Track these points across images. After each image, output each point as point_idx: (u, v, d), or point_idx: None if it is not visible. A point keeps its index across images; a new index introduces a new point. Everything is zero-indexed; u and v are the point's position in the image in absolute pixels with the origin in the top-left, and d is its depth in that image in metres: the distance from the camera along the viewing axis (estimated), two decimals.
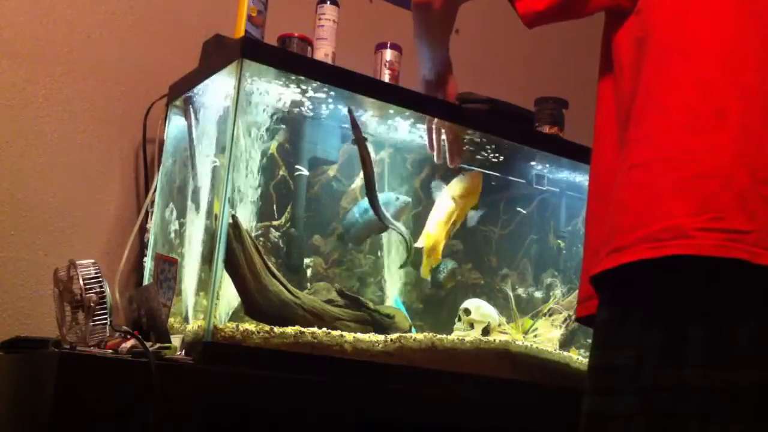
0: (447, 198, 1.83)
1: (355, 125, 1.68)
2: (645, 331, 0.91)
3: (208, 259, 1.58)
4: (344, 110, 1.74)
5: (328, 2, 1.79)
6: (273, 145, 1.77)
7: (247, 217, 1.63)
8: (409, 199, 1.85)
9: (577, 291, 1.98)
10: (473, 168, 1.90)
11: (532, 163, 2.05)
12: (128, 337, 1.40)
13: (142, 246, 1.88)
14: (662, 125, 0.95)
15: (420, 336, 1.67)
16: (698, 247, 0.88)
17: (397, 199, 1.81)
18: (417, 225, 1.90)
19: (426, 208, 1.88)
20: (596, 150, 1.12)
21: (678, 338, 0.89)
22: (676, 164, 0.92)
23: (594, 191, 1.11)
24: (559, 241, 2.14)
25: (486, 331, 1.80)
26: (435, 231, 1.83)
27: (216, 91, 1.71)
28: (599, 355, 0.99)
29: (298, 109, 1.77)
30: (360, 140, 1.68)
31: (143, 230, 1.89)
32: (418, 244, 1.83)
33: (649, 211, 0.92)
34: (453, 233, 1.87)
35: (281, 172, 1.80)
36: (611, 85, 1.10)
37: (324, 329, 1.56)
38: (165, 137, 1.87)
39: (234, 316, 1.59)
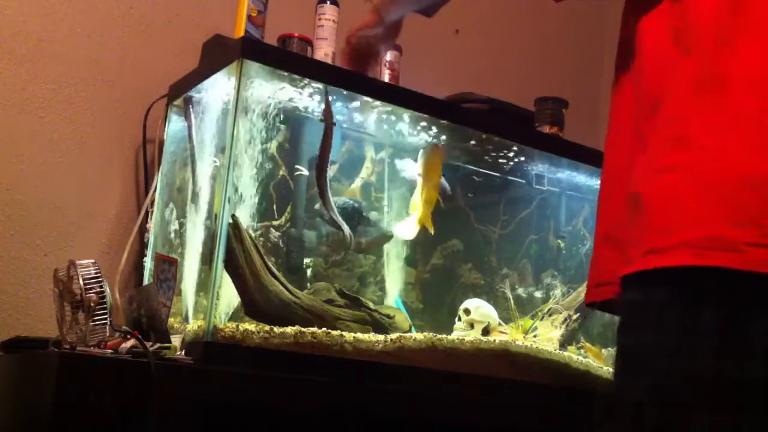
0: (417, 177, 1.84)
1: (327, 111, 1.66)
2: (674, 332, 0.90)
3: (208, 259, 1.58)
4: (343, 110, 1.74)
5: (328, 2, 1.79)
6: (273, 145, 1.77)
7: (247, 217, 1.63)
8: (392, 234, 1.85)
9: (575, 293, 2.00)
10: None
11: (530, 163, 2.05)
12: (128, 337, 1.40)
13: (142, 246, 1.88)
14: (707, 128, 0.92)
15: (420, 336, 1.67)
16: (746, 261, 0.86)
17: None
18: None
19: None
20: (613, 139, 1.09)
21: (710, 341, 0.88)
22: (721, 172, 0.90)
23: (608, 176, 1.09)
24: (559, 241, 2.14)
25: (486, 331, 1.80)
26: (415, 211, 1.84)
27: (216, 91, 1.71)
28: (623, 348, 0.98)
29: (298, 109, 1.77)
30: (328, 125, 1.67)
31: (143, 230, 1.89)
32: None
33: (690, 216, 0.90)
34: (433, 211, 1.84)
35: (281, 172, 1.80)
36: (630, 78, 1.07)
37: (324, 329, 1.56)
38: (165, 137, 1.87)
39: (234, 316, 1.59)
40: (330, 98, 1.67)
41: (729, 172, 0.89)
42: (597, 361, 1.91)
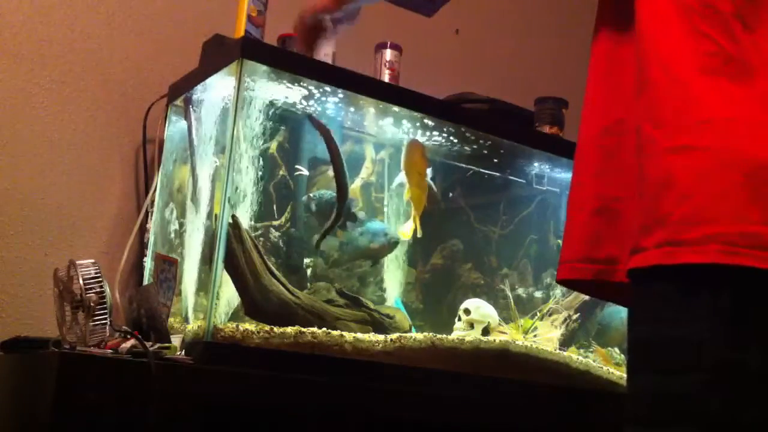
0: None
1: (323, 132, 1.69)
2: (692, 328, 0.85)
3: (208, 259, 1.58)
4: (343, 110, 1.74)
5: None
6: (273, 145, 1.77)
7: (247, 217, 1.63)
8: (399, 241, 1.84)
9: (575, 293, 1.99)
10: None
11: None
12: (128, 337, 1.40)
13: (142, 246, 1.88)
14: (734, 111, 0.86)
15: (420, 336, 1.67)
16: None
17: (386, 235, 1.81)
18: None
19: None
20: (599, 106, 1.04)
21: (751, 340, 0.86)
22: (751, 159, 0.84)
23: (601, 142, 1.03)
24: (559, 241, 2.14)
25: (486, 331, 1.80)
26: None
27: (216, 91, 1.71)
28: (634, 338, 0.94)
29: (298, 109, 1.77)
30: (332, 150, 1.69)
31: (143, 230, 1.89)
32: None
33: (717, 207, 0.84)
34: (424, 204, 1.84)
35: (281, 172, 1.80)
36: (616, 42, 1.02)
37: (324, 329, 1.56)
38: (165, 137, 1.88)
39: (234, 316, 1.59)
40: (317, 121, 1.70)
41: (759, 158, 0.84)
42: (606, 365, 1.90)
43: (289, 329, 1.52)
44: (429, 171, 1.87)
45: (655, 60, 0.94)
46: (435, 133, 1.88)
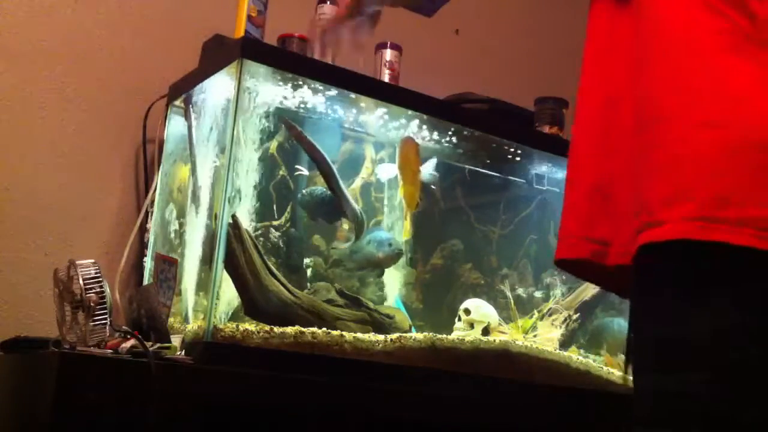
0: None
1: (296, 133, 1.70)
2: (708, 314, 0.84)
3: (208, 259, 1.58)
4: (342, 111, 1.74)
5: (328, 2, 1.79)
6: (273, 145, 1.77)
7: (247, 217, 1.63)
8: (402, 249, 1.83)
9: (575, 293, 1.99)
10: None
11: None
12: (128, 337, 1.40)
13: (142, 246, 1.88)
14: (756, 86, 0.84)
15: (420, 336, 1.67)
16: None
17: (390, 245, 1.80)
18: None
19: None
20: (598, 87, 1.02)
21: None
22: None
23: (598, 125, 1.02)
24: None
25: (486, 331, 1.80)
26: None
27: (216, 91, 1.71)
28: (639, 329, 0.91)
29: (297, 109, 1.77)
30: (304, 143, 1.70)
31: (143, 230, 1.89)
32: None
33: (742, 189, 0.82)
34: (416, 204, 1.82)
35: (281, 172, 1.80)
36: (615, 19, 1.00)
37: (324, 329, 1.56)
38: (165, 137, 1.88)
39: (234, 316, 1.59)
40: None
41: None
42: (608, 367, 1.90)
43: (289, 329, 1.52)
44: (434, 171, 1.87)
45: (659, 42, 0.91)
46: (434, 132, 1.88)
